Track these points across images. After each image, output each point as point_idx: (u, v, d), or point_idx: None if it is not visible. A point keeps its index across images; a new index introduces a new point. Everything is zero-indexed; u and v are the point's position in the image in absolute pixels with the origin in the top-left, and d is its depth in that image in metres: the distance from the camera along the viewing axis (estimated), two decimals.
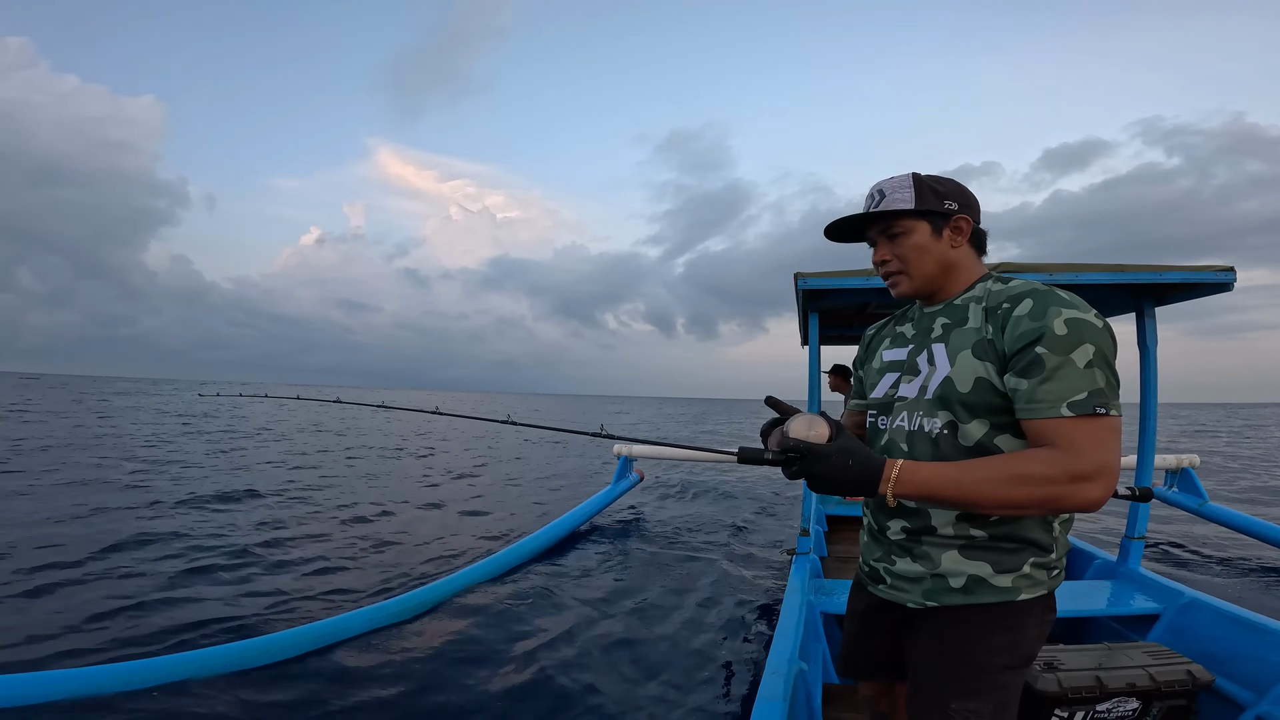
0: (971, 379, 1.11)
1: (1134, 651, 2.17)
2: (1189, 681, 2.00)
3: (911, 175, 1.20)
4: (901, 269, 1.23)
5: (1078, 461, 0.96)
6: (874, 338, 1.45)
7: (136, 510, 6.47)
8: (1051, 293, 1.07)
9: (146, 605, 3.84)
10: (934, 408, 1.16)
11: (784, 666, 1.89)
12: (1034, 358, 1.03)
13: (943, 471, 1.01)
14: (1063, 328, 1.02)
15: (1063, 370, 1.00)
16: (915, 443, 1.19)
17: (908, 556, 1.21)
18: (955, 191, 1.20)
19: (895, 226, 1.20)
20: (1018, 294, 1.11)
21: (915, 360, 1.24)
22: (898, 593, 1.24)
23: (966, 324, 1.17)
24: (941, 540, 1.16)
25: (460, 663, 3.16)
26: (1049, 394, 1.00)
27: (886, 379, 1.30)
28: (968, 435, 1.13)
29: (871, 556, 1.31)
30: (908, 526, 1.21)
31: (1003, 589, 1.12)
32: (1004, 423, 1.10)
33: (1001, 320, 1.10)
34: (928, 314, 1.27)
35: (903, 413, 1.22)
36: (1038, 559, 1.13)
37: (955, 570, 1.15)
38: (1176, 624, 2.58)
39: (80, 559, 4.66)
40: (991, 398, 1.10)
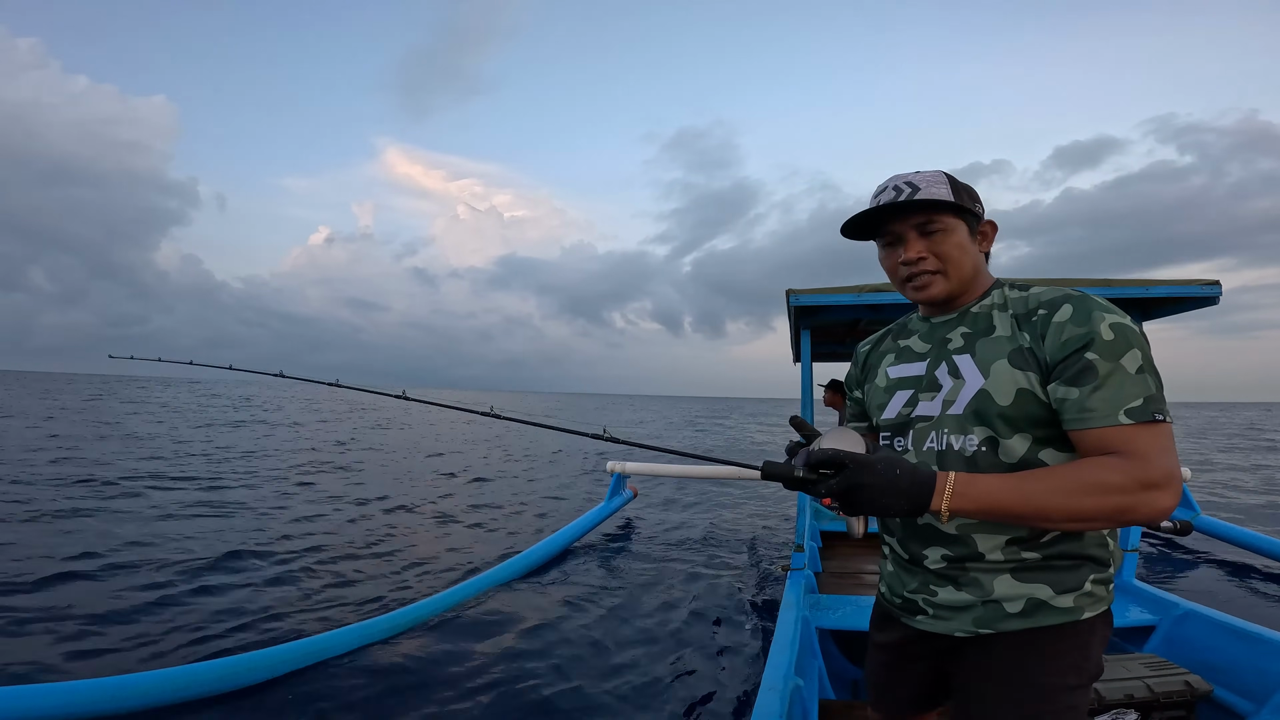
0: (1012, 390, 1.04)
1: (1131, 663, 2.16)
2: (1187, 692, 2.00)
3: (943, 172, 1.12)
4: (939, 269, 1.13)
5: (1148, 469, 0.91)
6: (871, 353, 1.36)
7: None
8: (1088, 297, 1.02)
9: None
10: (967, 424, 1.09)
11: (780, 683, 1.87)
12: (1085, 364, 0.97)
13: (1005, 481, 0.94)
14: (1110, 333, 0.97)
15: (1115, 377, 0.95)
16: (949, 463, 1.10)
17: (950, 585, 1.12)
18: (977, 197, 1.15)
19: (936, 222, 1.11)
20: (1052, 299, 1.05)
21: (934, 375, 1.16)
22: (942, 623, 1.14)
23: (994, 332, 1.10)
24: (991, 565, 1.08)
25: (446, 682, 3.11)
26: (1104, 402, 0.95)
27: (899, 398, 1.21)
28: (1010, 451, 1.06)
29: (905, 589, 1.20)
30: (949, 555, 1.12)
31: (1066, 609, 1.06)
32: (1047, 436, 1.04)
33: (1039, 327, 1.04)
34: (939, 324, 1.20)
35: (930, 433, 1.13)
36: (1098, 575, 1.08)
37: (1011, 595, 1.07)
38: (1173, 635, 2.57)
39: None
40: (1034, 409, 1.03)
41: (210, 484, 8.91)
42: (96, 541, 5.45)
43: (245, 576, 4.78)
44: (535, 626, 3.93)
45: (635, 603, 4.52)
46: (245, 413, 26.14)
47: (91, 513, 6.65)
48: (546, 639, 3.74)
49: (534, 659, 3.45)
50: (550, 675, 3.27)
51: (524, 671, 3.29)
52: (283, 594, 4.45)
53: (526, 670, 3.30)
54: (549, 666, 3.37)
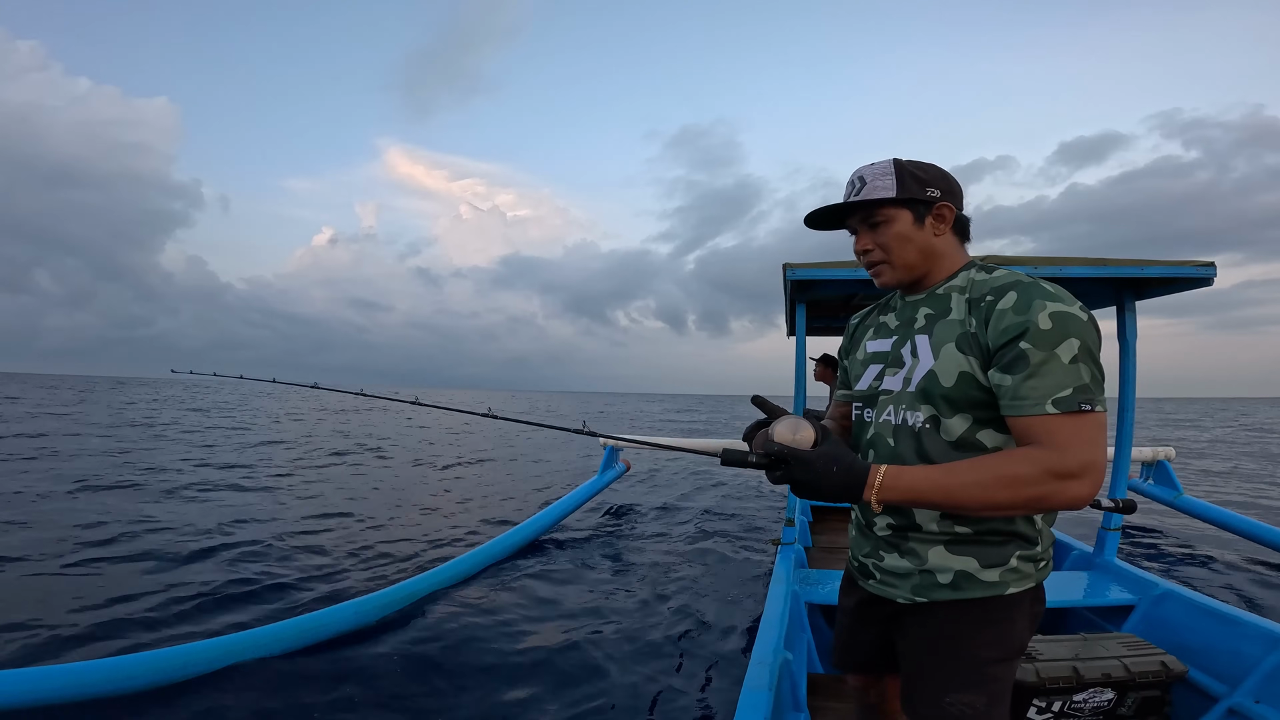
0: (955, 373, 1.10)
1: (1109, 642, 2.21)
2: (1163, 673, 2.05)
3: (893, 161, 1.17)
4: (884, 259, 1.20)
5: (1063, 459, 0.96)
6: (858, 327, 1.43)
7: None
8: (1036, 285, 1.06)
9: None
10: (917, 401, 1.15)
11: (769, 656, 1.90)
12: (1018, 353, 1.01)
13: (927, 476, 1.01)
14: (1047, 322, 1.00)
15: (1047, 366, 0.99)
16: (900, 437, 1.18)
17: (895, 552, 1.21)
18: (937, 178, 1.17)
19: (877, 215, 1.18)
20: (1001, 285, 1.09)
21: (899, 352, 1.23)
22: (887, 588, 1.24)
23: (950, 315, 1.15)
24: (927, 536, 1.16)
25: (439, 657, 3.15)
26: (1033, 391, 0.99)
27: (871, 370, 1.29)
28: (949, 430, 1.12)
29: (860, 552, 1.31)
30: (893, 523, 1.21)
31: (991, 583, 1.12)
32: (987, 417, 1.09)
33: (985, 313, 1.08)
34: (910, 303, 1.26)
35: (888, 406, 1.21)
36: (1024, 552, 1.13)
37: (942, 566, 1.15)
38: (1151, 615, 2.63)
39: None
40: (974, 392, 1.08)
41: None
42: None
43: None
44: (525, 600, 3.98)
45: (626, 577, 4.59)
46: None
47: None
48: (534, 611, 3.79)
49: (520, 630, 3.51)
50: (538, 646, 3.32)
51: (512, 644, 3.34)
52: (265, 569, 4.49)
53: (514, 643, 3.36)
54: (535, 637, 3.43)
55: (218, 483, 7.92)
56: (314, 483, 8.32)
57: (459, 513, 6.85)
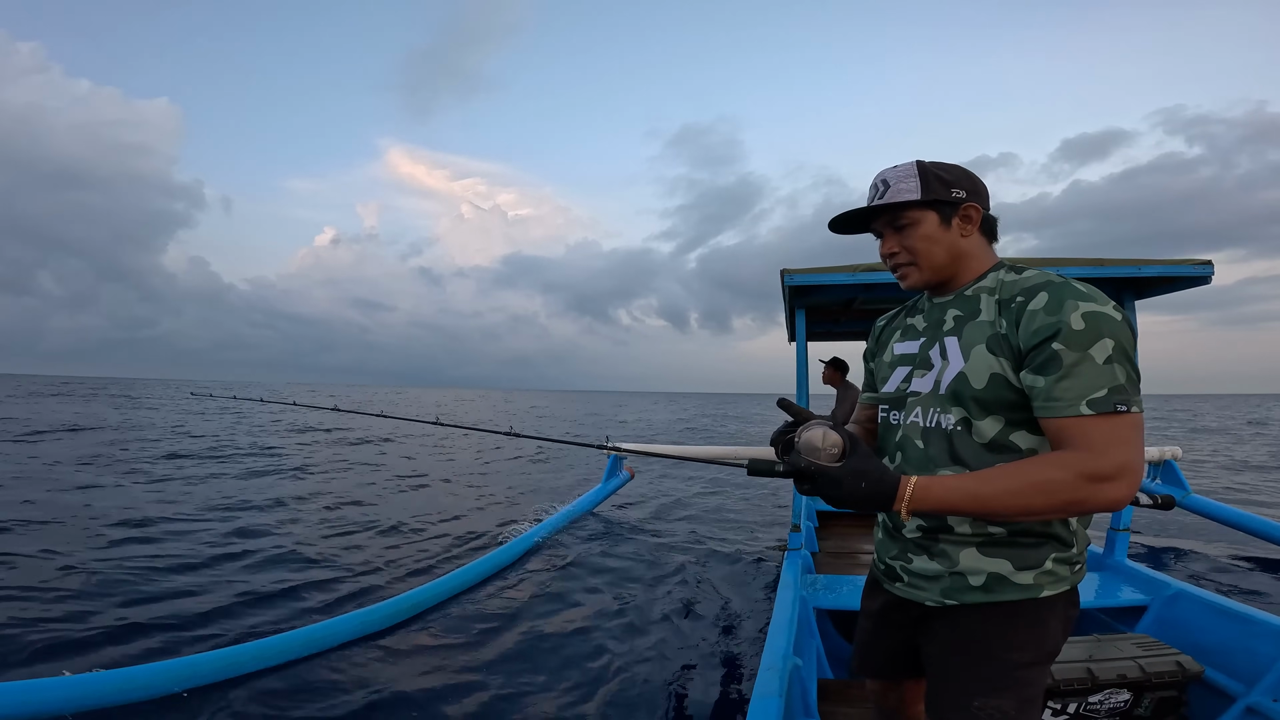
0: (986, 375, 1.08)
1: (1123, 643, 2.19)
2: (1179, 673, 2.03)
3: (916, 163, 1.16)
4: (911, 261, 1.19)
5: (1099, 462, 0.94)
6: (884, 329, 1.41)
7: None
8: (1067, 284, 1.04)
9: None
10: (947, 403, 1.14)
11: (779, 662, 1.89)
12: (1051, 354, 0.99)
13: (959, 485, 0.98)
14: (1080, 322, 0.98)
15: (1081, 367, 0.97)
16: (931, 439, 1.16)
17: (925, 554, 1.19)
18: (962, 178, 1.16)
19: (902, 218, 1.17)
20: (1032, 286, 1.07)
21: (927, 354, 1.21)
22: (915, 591, 1.22)
23: (979, 316, 1.14)
24: (959, 538, 1.14)
25: (448, 665, 3.13)
26: (1067, 392, 0.98)
27: (898, 373, 1.27)
28: (981, 432, 1.10)
29: (888, 554, 1.29)
30: (924, 525, 1.19)
31: (1025, 586, 1.10)
32: (1020, 419, 1.07)
33: (1016, 314, 1.06)
34: (938, 305, 1.24)
35: (916, 408, 1.20)
36: (1059, 554, 1.11)
37: (975, 568, 1.13)
38: (1164, 615, 2.60)
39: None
40: (1007, 394, 1.07)
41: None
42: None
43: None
44: (532, 605, 3.96)
45: (633, 584, 4.56)
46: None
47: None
48: (542, 618, 3.77)
49: (529, 636, 3.49)
50: (546, 652, 3.30)
51: (521, 649, 3.32)
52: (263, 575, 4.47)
53: (523, 648, 3.34)
54: (544, 643, 3.41)
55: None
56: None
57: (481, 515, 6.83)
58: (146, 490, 7.63)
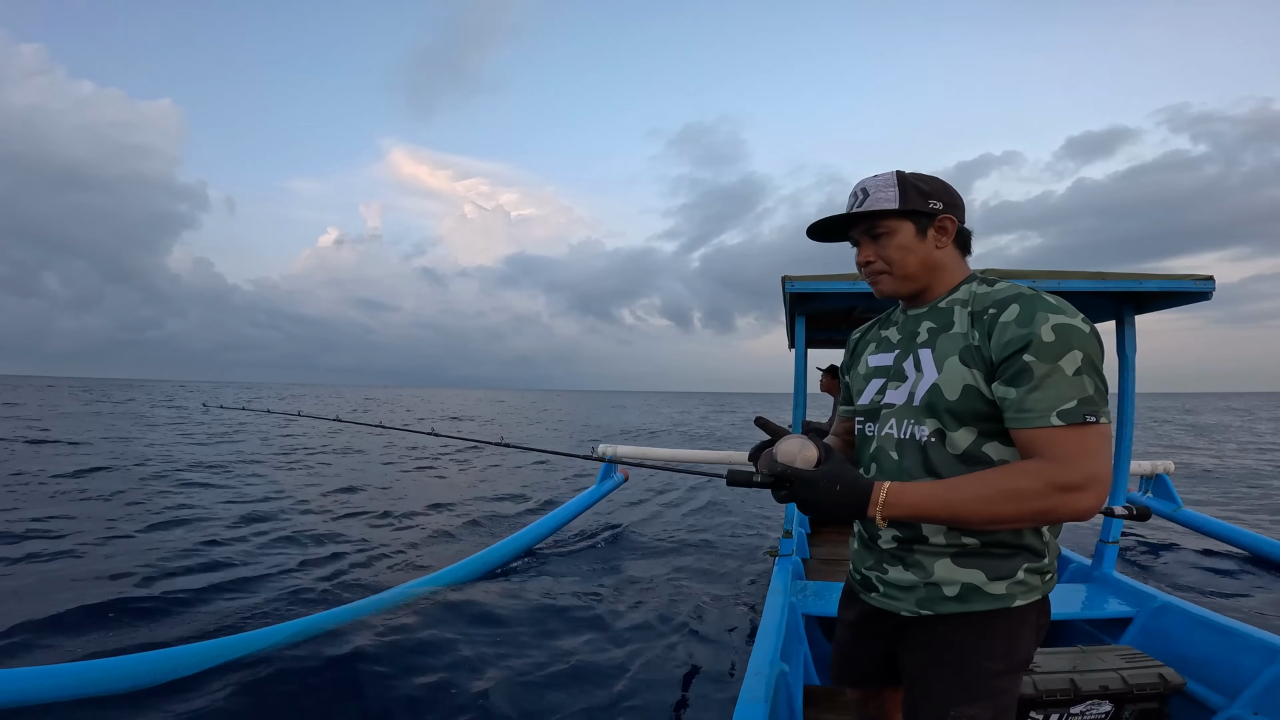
0: (960, 386, 1.10)
1: (1107, 655, 2.20)
2: (1161, 685, 2.04)
3: (895, 173, 1.18)
4: (885, 269, 1.21)
5: (1067, 472, 0.96)
6: (859, 341, 1.43)
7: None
8: (1038, 297, 1.06)
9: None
10: (922, 415, 1.15)
11: (765, 668, 1.89)
12: (1022, 366, 1.01)
13: (931, 491, 1.01)
14: (1050, 334, 1.00)
15: (1051, 378, 0.99)
16: (905, 451, 1.18)
17: (900, 565, 1.20)
18: (940, 190, 1.18)
19: (879, 227, 1.19)
20: (1004, 299, 1.09)
21: (901, 365, 1.23)
22: (891, 601, 1.23)
23: (953, 328, 1.15)
24: (934, 549, 1.16)
25: (429, 667, 3.12)
26: (1038, 403, 0.99)
27: (873, 385, 1.29)
28: (955, 444, 1.12)
29: (863, 564, 1.30)
30: (899, 535, 1.20)
31: (997, 596, 1.12)
32: (992, 430, 1.09)
33: (988, 326, 1.08)
34: (912, 317, 1.26)
35: (890, 420, 1.21)
36: (1031, 564, 1.13)
37: (949, 579, 1.14)
38: (1149, 627, 2.62)
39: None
40: (979, 405, 1.09)
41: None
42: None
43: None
44: (518, 609, 3.96)
45: (623, 587, 4.56)
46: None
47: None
48: (527, 622, 3.77)
49: (513, 640, 3.49)
50: (531, 657, 3.30)
51: (504, 654, 3.32)
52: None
53: (507, 653, 3.33)
54: (528, 647, 3.41)
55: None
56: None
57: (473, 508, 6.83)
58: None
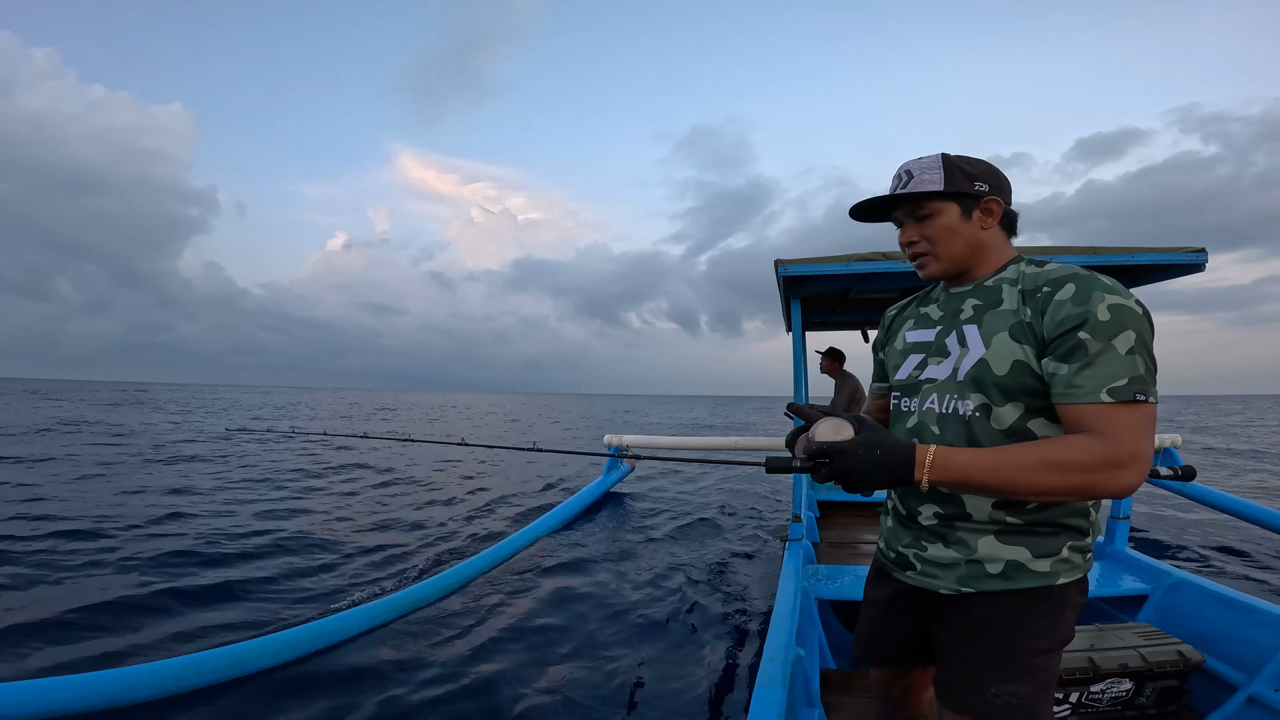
0: (1009, 361, 1.10)
1: (1125, 632, 2.19)
2: (1180, 662, 2.03)
3: (941, 156, 1.18)
4: (929, 250, 1.21)
5: (1114, 448, 0.96)
6: (895, 318, 1.42)
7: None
8: (1094, 277, 1.06)
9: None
10: (966, 390, 1.15)
11: (781, 653, 1.89)
12: (1076, 343, 1.02)
13: (979, 458, 1.00)
14: (1106, 313, 1.01)
15: (1104, 356, 1.00)
16: (947, 425, 1.18)
17: (940, 542, 1.20)
18: (986, 172, 1.18)
19: (924, 208, 1.19)
20: (1059, 278, 1.09)
21: (944, 341, 1.23)
22: (928, 579, 1.22)
23: (1001, 305, 1.15)
24: (977, 526, 1.15)
25: (447, 660, 3.14)
26: (1090, 379, 1.00)
27: (911, 360, 1.28)
28: (1000, 419, 1.12)
29: (900, 543, 1.29)
30: (940, 512, 1.19)
31: (1042, 574, 1.12)
32: (1038, 406, 1.10)
33: (1042, 304, 1.08)
34: (955, 295, 1.25)
35: (932, 395, 1.21)
36: (1075, 543, 1.13)
37: (993, 556, 1.14)
38: (1165, 604, 2.61)
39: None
40: (1028, 381, 1.09)
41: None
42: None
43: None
44: (532, 599, 3.97)
45: (634, 576, 4.57)
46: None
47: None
48: (545, 615, 3.78)
49: (528, 628, 3.50)
50: (545, 646, 3.31)
51: (520, 642, 3.33)
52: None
53: (523, 641, 3.35)
54: (542, 636, 3.42)
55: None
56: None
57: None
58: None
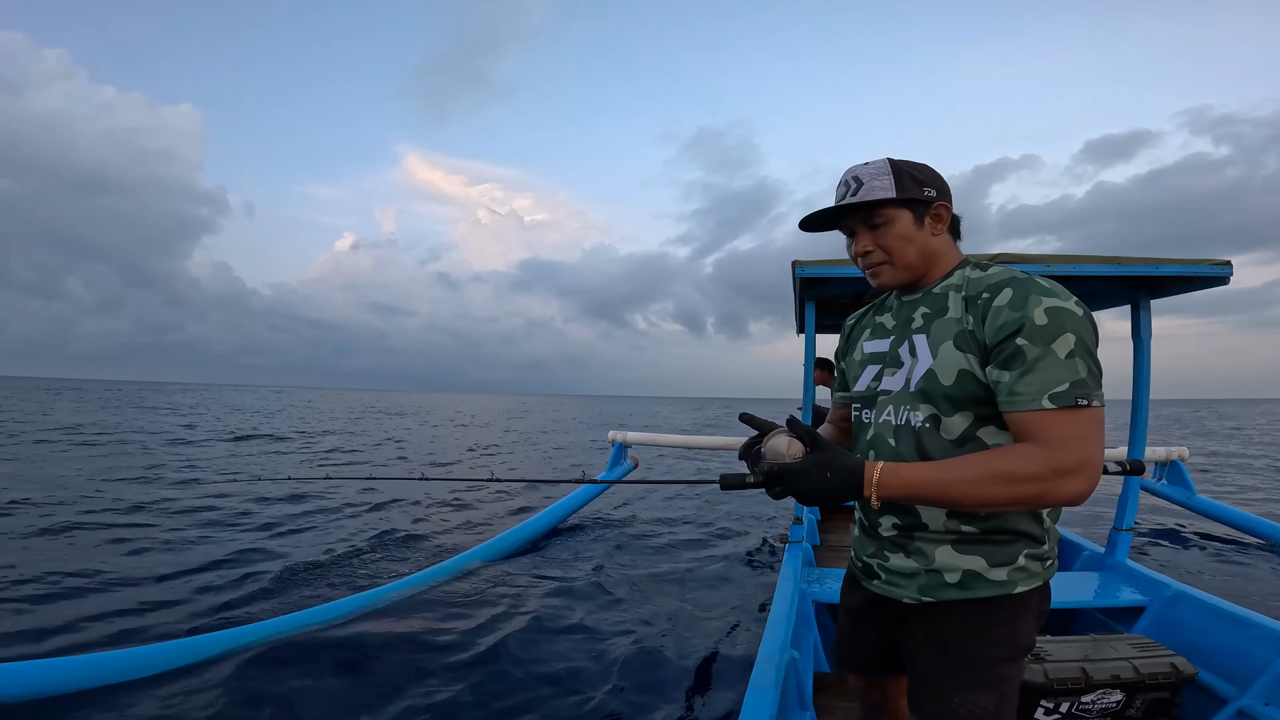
0: (954, 371, 1.10)
1: (1119, 644, 2.19)
2: (1172, 674, 2.03)
3: (888, 161, 1.17)
4: (885, 259, 1.20)
5: (1060, 456, 0.95)
6: (854, 328, 1.43)
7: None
8: (1031, 280, 1.06)
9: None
10: (917, 400, 1.16)
11: (776, 655, 1.90)
12: (1015, 349, 1.01)
13: (925, 472, 1.00)
14: (1043, 317, 1.00)
15: (1044, 361, 0.99)
16: (901, 437, 1.18)
17: (901, 552, 1.21)
18: (932, 178, 1.18)
19: (877, 216, 1.17)
20: (997, 283, 1.09)
21: (897, 352, 1.23)
22: (892, 588, 1.24)
23: (947, 314, 1.15)
24: (934, 536, 1.16)
25: (437, 656, 3.14)
26: (1030, 386, 0.99)
27: (868, 371, 1.29)
28: (950, 429, 1.12)
29: (864, 552, 1.31)
30: (899, 523, 1.21)
31: (999, 582, 1.12)
32: (987, 415, 1.09)
33: (982, 310, 1.08)
34: (907, 303, 1.26)
35: (888, 406, 1.21)
36: (1031, 550, 1.14)
37: (950, 565, 1.15)
38: (1162, 616, 2.60)
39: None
40: (975, 390, 1.09)
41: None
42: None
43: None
44: (531, 596, 4.00)
45: (632, 573, 4.60)
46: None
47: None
48: (539, 608, 3.80)
49: (524, 626, 3.51)
50: (542, 643, 3.33)
51: (515, 640, 3.35)
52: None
53: (517, 639, 3.36)
54: (539, 634, 3.44)
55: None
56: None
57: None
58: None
